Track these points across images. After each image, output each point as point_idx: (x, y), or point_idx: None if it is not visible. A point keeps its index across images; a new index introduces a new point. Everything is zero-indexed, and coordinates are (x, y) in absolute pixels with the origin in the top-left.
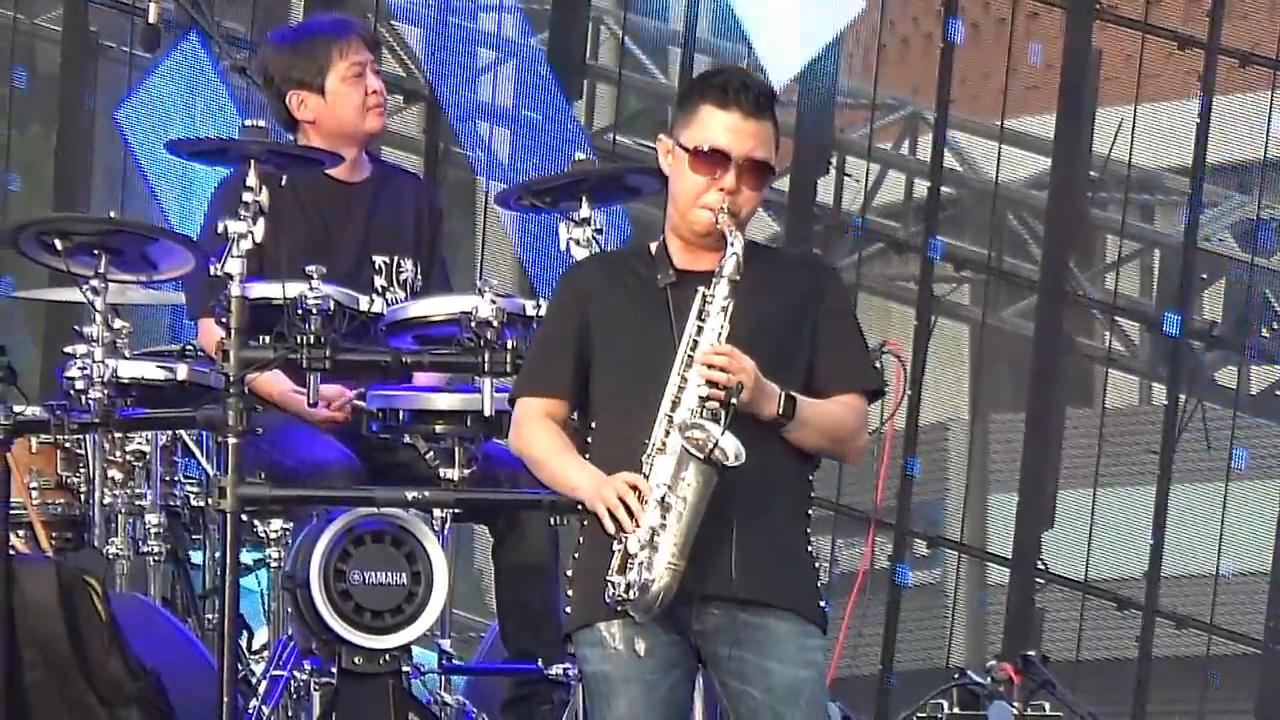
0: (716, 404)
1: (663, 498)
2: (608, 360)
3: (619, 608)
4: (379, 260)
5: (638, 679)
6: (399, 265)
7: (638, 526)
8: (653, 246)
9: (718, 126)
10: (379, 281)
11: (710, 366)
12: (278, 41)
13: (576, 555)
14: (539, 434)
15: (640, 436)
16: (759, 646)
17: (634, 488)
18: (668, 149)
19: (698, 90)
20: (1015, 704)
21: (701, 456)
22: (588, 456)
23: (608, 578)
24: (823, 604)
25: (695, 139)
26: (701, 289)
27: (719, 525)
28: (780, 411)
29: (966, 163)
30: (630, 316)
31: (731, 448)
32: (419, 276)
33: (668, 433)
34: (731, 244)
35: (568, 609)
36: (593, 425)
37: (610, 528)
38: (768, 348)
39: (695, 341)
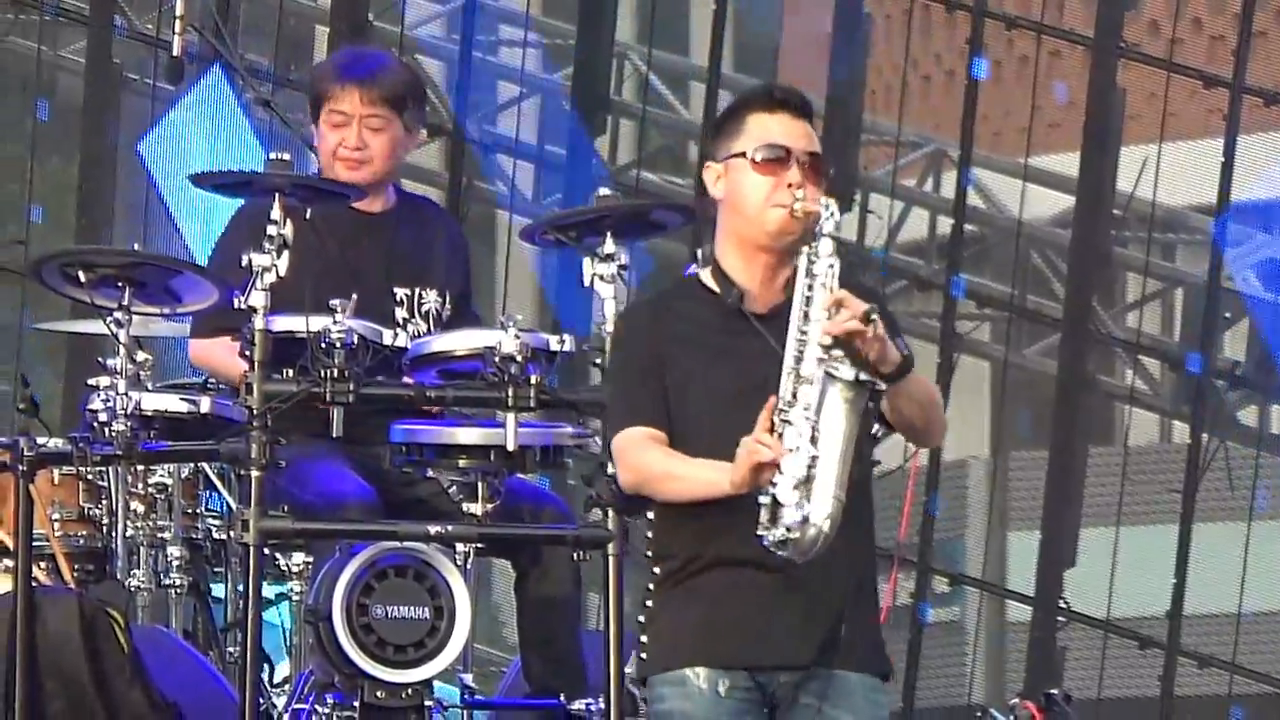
0: (842, 352)
1: (812, 427)
2: (691, 385)
3: (778, 551)
4: (400, 292)
5: (717, 718)
6: (420, 296)
7: (780, 465)
8: (702, 275)
9: (772, 128)
10: (400, 314)
11: (837, 308)
12: (319, 63)
13: (649, 603)
14: (652, 454)
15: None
16: (833, 698)
17: (764, 442)
18: (718, 173)
19: (740, 104)
20: None
21: (850, 376)
22: None
23: (758, 532)
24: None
25: (751, 144)
26: (804, 249)
27: (807, 594)
28: (905, 352)
29: (990, 200)
30: (707, 339)
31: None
32: (446, 307)
33: (796, 383)
34: (826, 206)
35: (642, 655)
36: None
37: (765, 479)
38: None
39: (808, 298)
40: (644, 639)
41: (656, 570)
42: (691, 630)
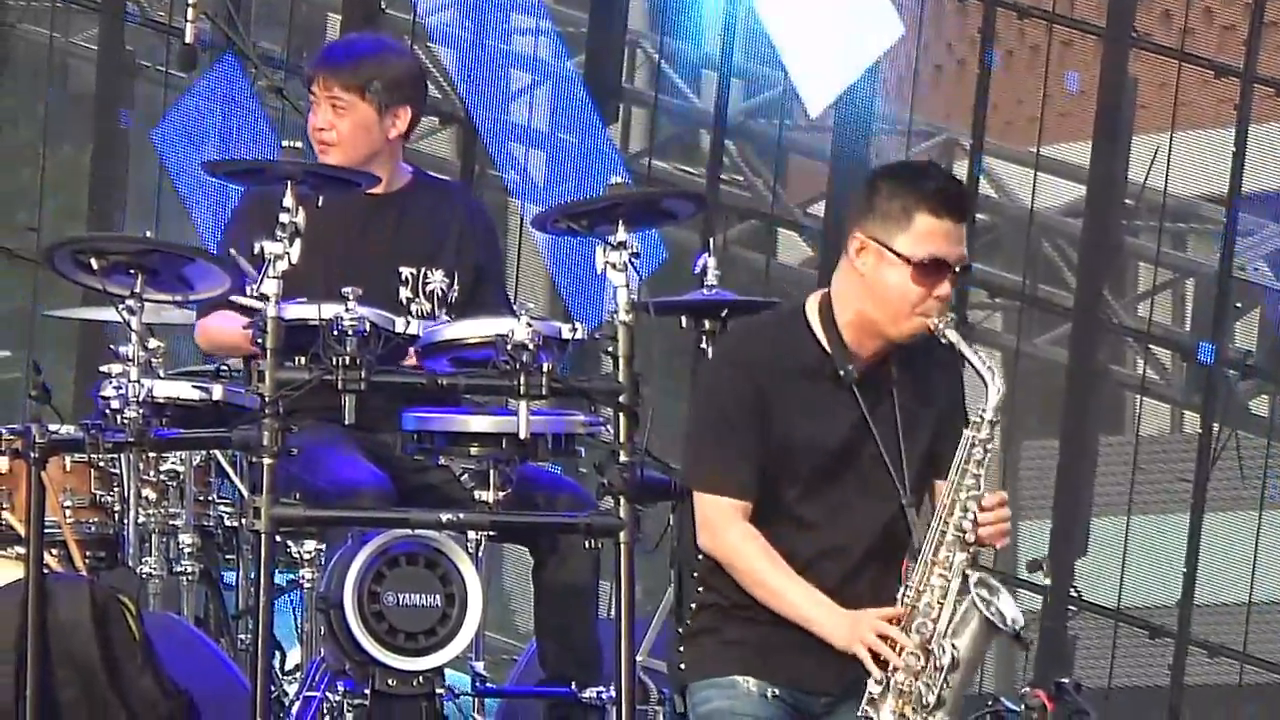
0: (976, 548)
1: (951, 656)
2: (791, 454)
3: None
4: (405, 271)
5: (767, 716)
6: (425, 276)
7: (895, 670)
8: (811, 319)
9: (937, 237)
10: (404, 293)
11: (987, 511)
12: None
13: (690, 621)
14: (750, 548)
15: (826, 534)
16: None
17: (890, 640)
18: (863, 244)
19: (908, 194)
20: None
21: (1005, 630)
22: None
23: (863, 714)
24: None
25: (916, 250)
26: (966, 432)
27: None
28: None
29: (1001, 189)
30: (814, 411)
31: (1010, 612)
32: (454, 289)
33: (931, 578)
34: (990, 374)
35: (680, 665)
36: (760, 513)
37: (873, 669)
38: (917, 447)
39: (960, 484)
40: (682, 649)
41: (700, 590)
42: (740, 646)
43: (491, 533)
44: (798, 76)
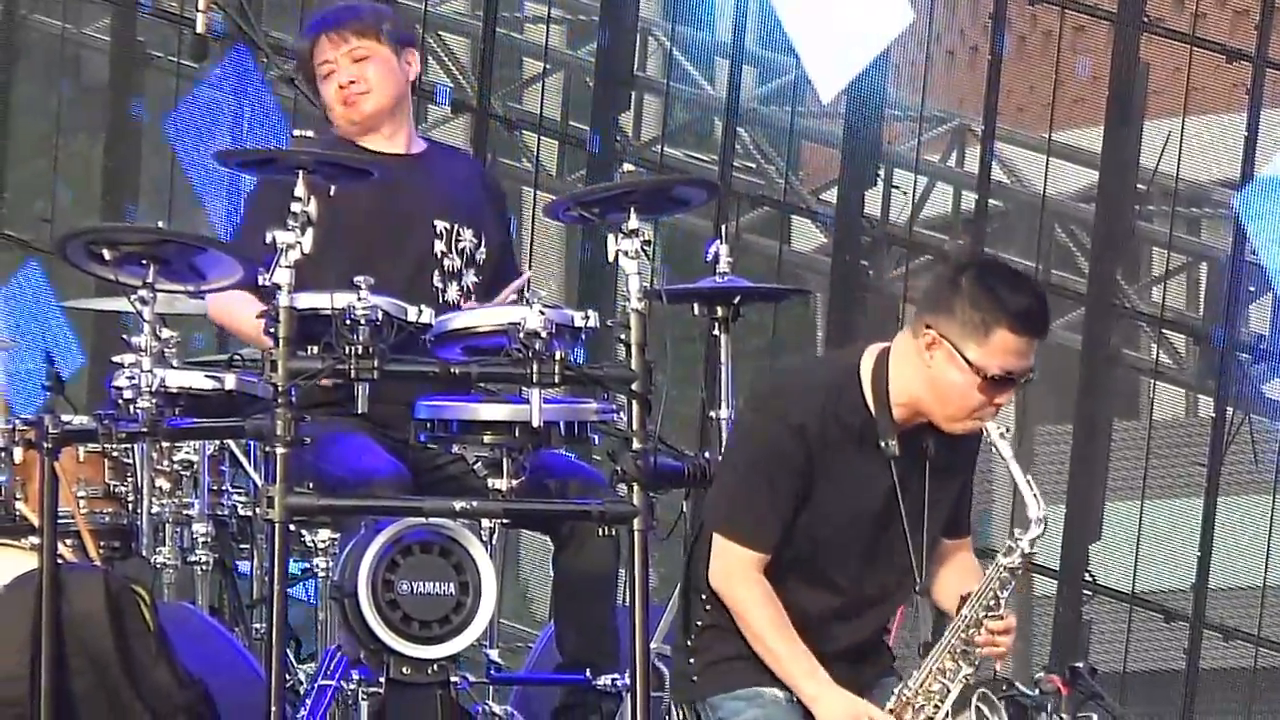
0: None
1: None
2: (816, 513)
3: None
4: (440, 225)
5: (801, 715)
6: (458, 233)
7: None
8: (865, 384)
9: (1012, 353)
10: (439, 246)
11: (1006, 637)
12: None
13: (695, 637)
14: (760, 607)
15: (841, 598)
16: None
17: None
18: (935, 340)
19: (993, 308)
20: (1064, 716)
21: None
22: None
23: None
24: None
25: (990, 363)
26: (1002, 560)
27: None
28: None
29: (1013, 175)
30: (848, 471)
31: None
32: (481, 249)
33: (937, 682)
34: (1037, 503)
35: (693, 678)
36: (781, 563)
37: None
38: (937, 525)
39: (987, 607)
40: (691, 662)
41: (708, 610)
42: (754, 661)
43: (505, 520)
44: (810, 63)
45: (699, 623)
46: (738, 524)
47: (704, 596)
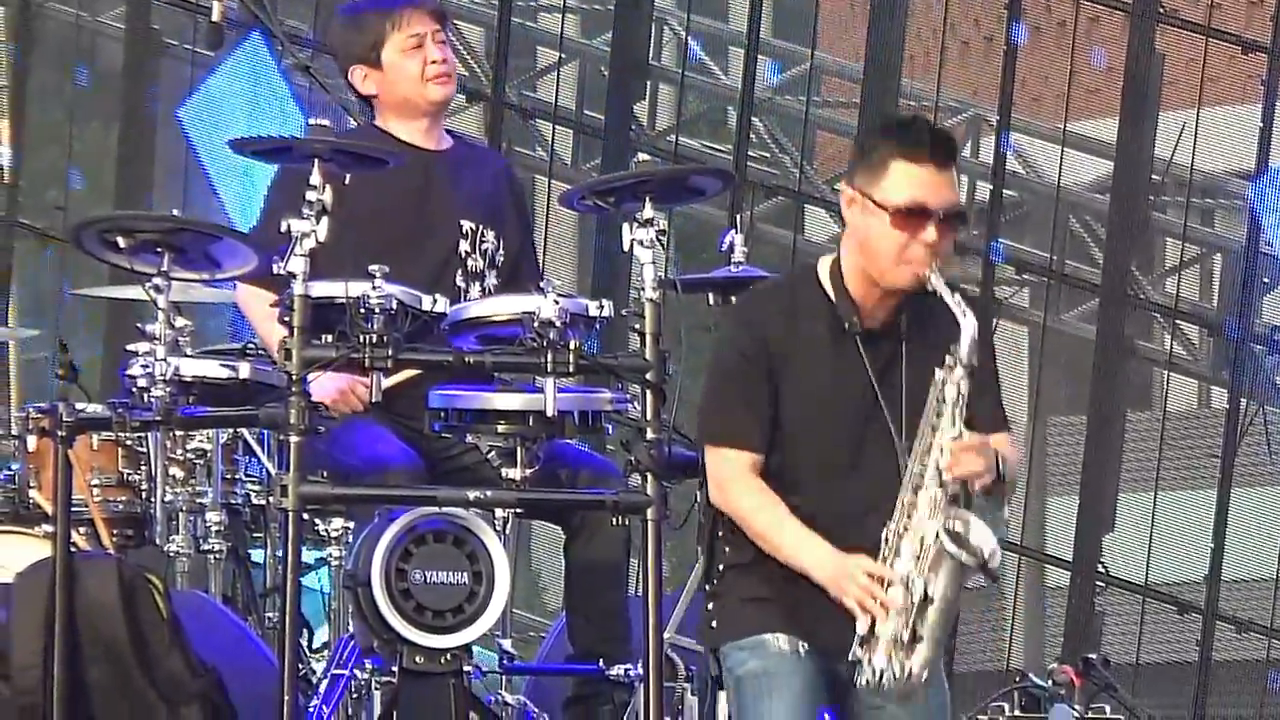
0: (958, 486)
1: (924, 593)
2: (797, 411)
3: (871, 688)
4: (466, 225)
5: (801, 674)
6: (482, 233)
7: (886, 617)
8: (822, 276)
9: (915, 183)
10: (464, 246)
11: (963, 452)
12: (340, 17)
13: (716, 581)
14: (763, 504)
15: (832, 490)
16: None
17: (878, 578)
18: (851, 199)
19: (886, 143)
20: (1076, 707)
21: (973, 563)
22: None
23: (855, 656)
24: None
25: (893, 196)
26: (939, 374)
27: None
28: (999, 474)
29: (1028, 166)
30: (820, 365)
31: (988, 547)
32: (501, 250)
33: (911, 515)
34: (963, 315)
35: (712, 624)
36: (770, 470)
37: (860, 618)
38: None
39: (936, 427)
40: (710, 608)
41: (728, 550)
42: (764, 604)
43: (519, 510)
44: (823, 53)
45: (720, 566)
46: (719, 429)
47: (722, 535)
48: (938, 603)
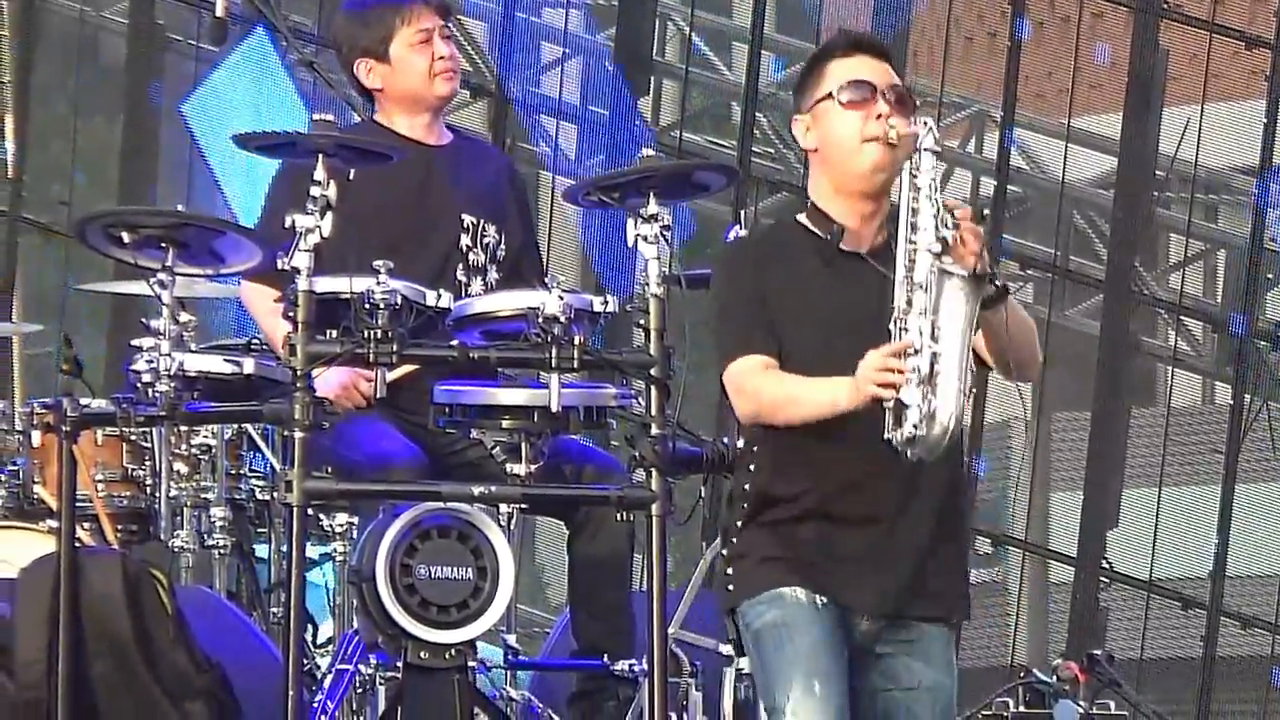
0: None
1: (931, 325)
2: (803, 340)
3: (909, 451)
4: (468, 219)
5: (819, 623)
6: (484, 228)
7: (908, 383)
8: (802, 220)
9: (854, 68)
10: (465, 241)
11: (949, 212)
12: (346, 11)
13: (735, 540)
14: (771, 380)
15: (848, 427)
16: (910, 647)
17: (893, 353)
18: (807, 123)
19: (819, 54)
20: (1081, 703)
21: (964, 271)
22: None
23: (887, 435)
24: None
25: (836, 84)
26: (906, 163)
27: (897, 540)
28: (998, 288)
29: (1032, 161)
30: (817, 291)
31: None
32: (502, 245)
33: (910, 290)
34: (925, 123)
35: (729, 586)
36: None
37: (888, 397)
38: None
39: (914, 209)
40: (730, 572)
41: (745, 506)
42: (784, 562)
43: (523, 506)
44: None
45: (738, 522)
46: (731, 346)
47: (746, 488)
48: (948, 331)
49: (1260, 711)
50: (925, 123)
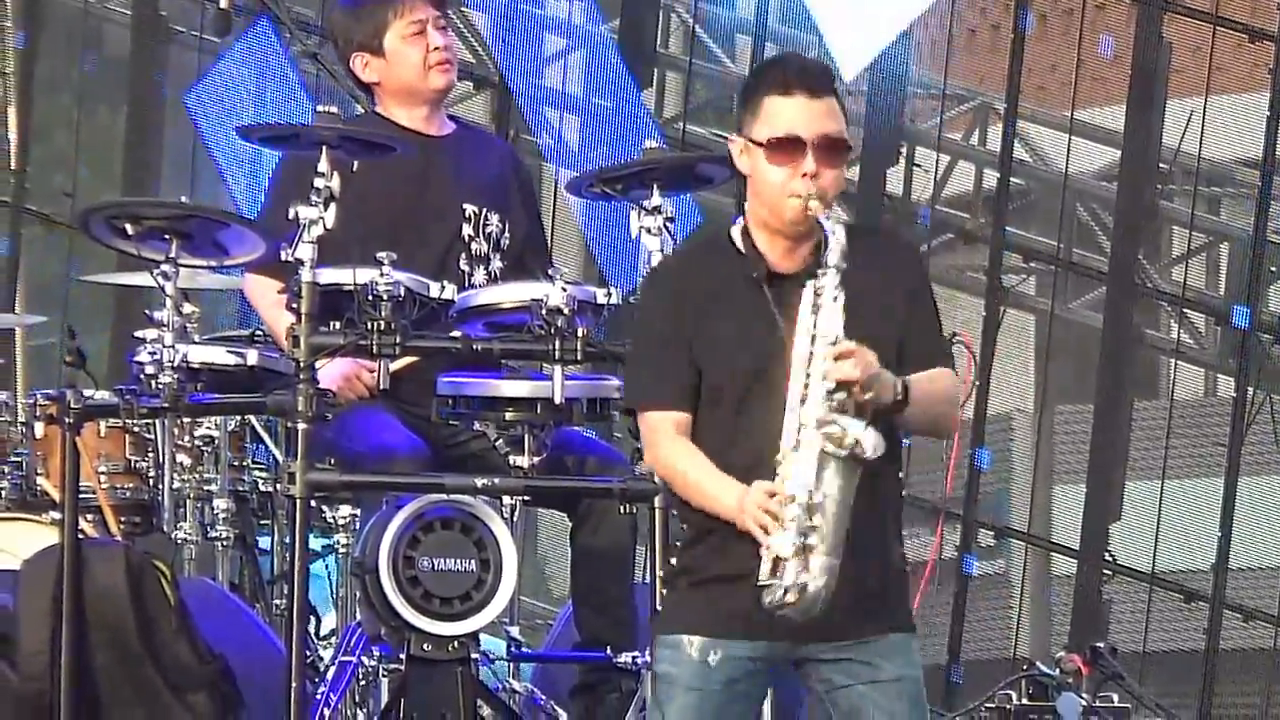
0: (845, 396)
1: (809, 498)
2: (713, 360)
3: (779, 612)
4: (469, 209)
5: (699, 688)
6: (486, 217)
7: (784, 530)
8: (734, 234)
9: (785, 113)
10: (466, 230)
11: (838, 359)
12: (342, 5)
13: (674, 561)
14: (682, 455)
15: (753, 435)
16: (866, 648)
17: (771, 494)
18: (741, 148)
19: (757, 83)
20: (1084, 695)
21: (843, 453)
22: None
23: (760, 582)
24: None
25: (766, 131)
26: (811, 282)
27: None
28: (898, 397)
29: (1035, 154)
30: (731, 314)
31: (870, 442)
32: (506, 234)
33: (800, 431)
34: (831, 232)
35: (659, 607)
36: (698, 425)
37: (760, 538)
38: (858, 330)
39: (814, 336)
40: (663, 593)
41: (685, 527)
42: (698, 596)
43: (526, 498)
44: (832, 41)
45: (672, 561)
46: (640, 390)
47: (683, 526)
48: (827, 505)
49: (1263, 703)
50: (835, 231)
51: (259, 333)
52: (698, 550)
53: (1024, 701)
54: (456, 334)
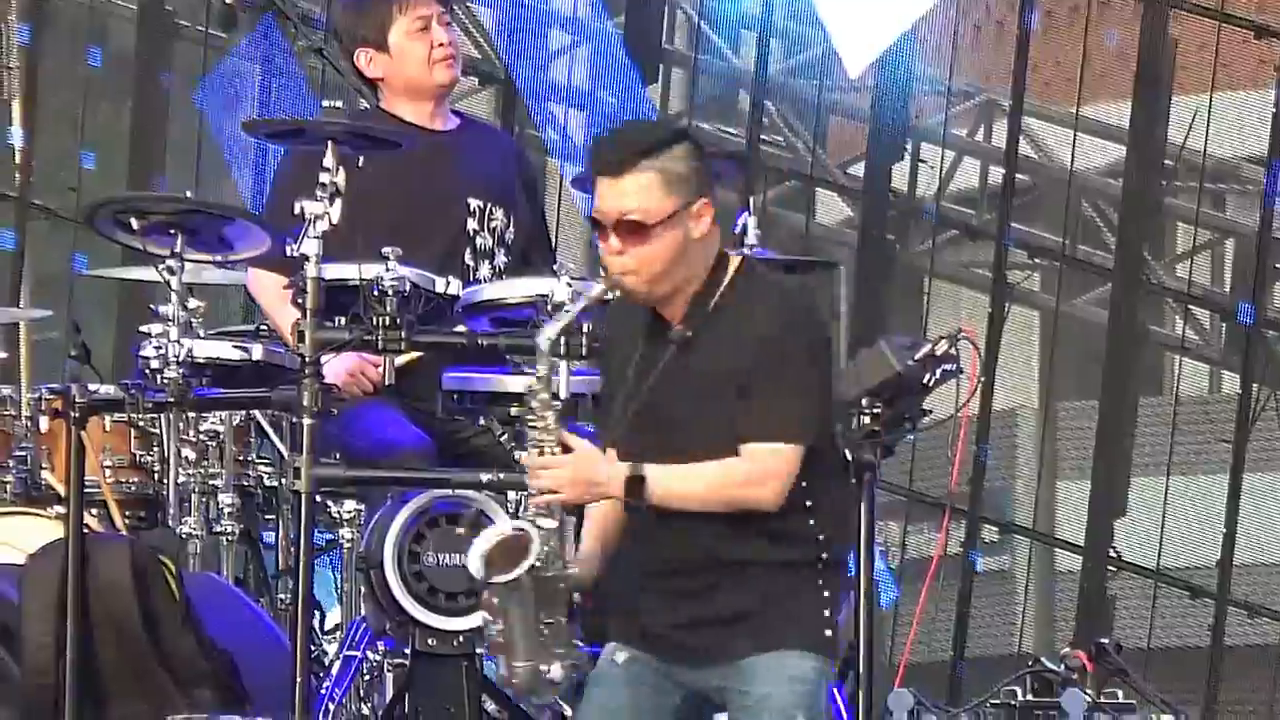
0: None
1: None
2: (612, 408)
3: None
4: (474, 203)
5: (605, 682)
6: (491, 212)
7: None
8: None
9: (597, 195)
10: (471, 224)
11: (533, 471)
12: (346, 1)
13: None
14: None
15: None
16: (738, 674)
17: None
18: None
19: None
20: (1089, 691)
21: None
22: None
23: (500, 672)
24: (827, 631)
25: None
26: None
27: (680, 600)
28: (626, 494)
29: (1041, 150)
30: (626, 363)
31: (472, 562)
32: (510, 228)
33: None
34: (540, 336)
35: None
36: None
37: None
38: (692, 403)
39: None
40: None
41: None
42: (619, 613)
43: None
44: (838, 37)
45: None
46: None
47: None
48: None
49: (1268, 700)
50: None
51: (264, 327)
52: (619, 562)
53: (1029, 698)
54: (461, 329)
